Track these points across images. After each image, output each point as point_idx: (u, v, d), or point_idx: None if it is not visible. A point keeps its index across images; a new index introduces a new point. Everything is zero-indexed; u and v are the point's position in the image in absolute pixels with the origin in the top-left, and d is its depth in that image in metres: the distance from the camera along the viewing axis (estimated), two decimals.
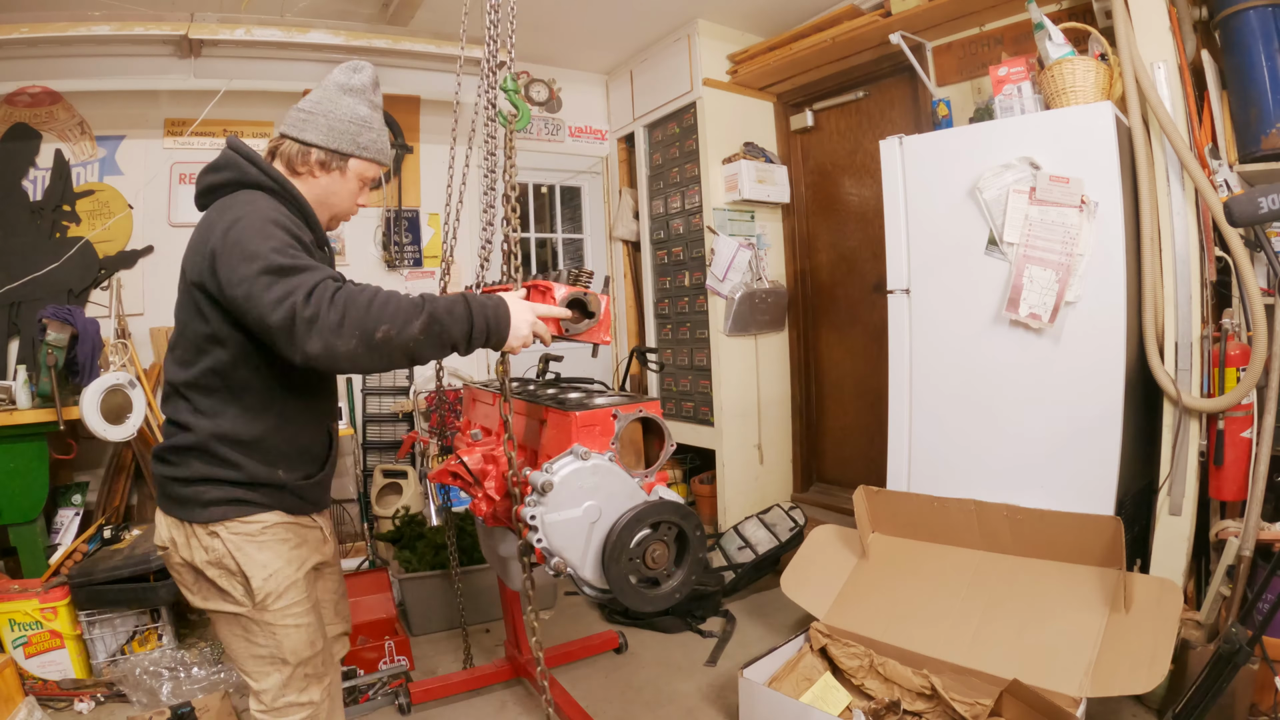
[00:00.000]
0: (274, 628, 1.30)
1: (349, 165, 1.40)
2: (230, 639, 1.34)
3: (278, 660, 1.32)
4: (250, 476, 1.27)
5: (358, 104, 1.40)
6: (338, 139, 1.37)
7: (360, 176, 1.43)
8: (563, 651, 2.43)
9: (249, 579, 1.27)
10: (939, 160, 2.29)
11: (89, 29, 2.50)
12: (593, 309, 1.39)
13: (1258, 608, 1.68)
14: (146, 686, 2.24)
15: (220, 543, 1.27)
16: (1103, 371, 2.00)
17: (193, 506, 1.27)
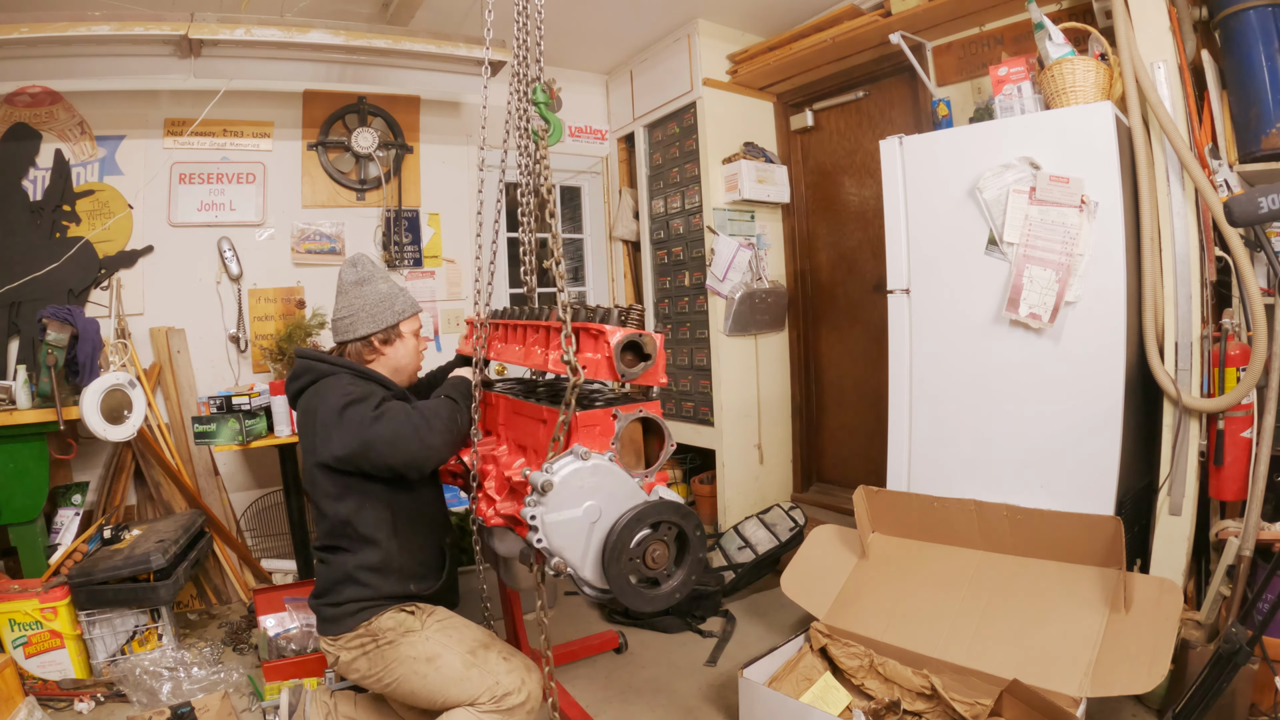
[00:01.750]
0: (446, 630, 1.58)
1: (401, 329, 1.74)
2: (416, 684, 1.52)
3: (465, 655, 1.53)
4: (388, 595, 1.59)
5: (375, 286, 1.73)
6: (381, 319, 1.70)
7: (413, 332, 1.78)
8: (563, 651, 2.43)
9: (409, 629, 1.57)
10: (939, 160, 2.29)
11: (89, 29, 2.50)
12: (649, 351, 1.30)
13: (1258, 608, 1.68)
14: (146, 686, 2.24)
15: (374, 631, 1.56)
16: (1103, 371, 2.00)
17: (344, 620, 1.57)
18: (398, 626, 1.56)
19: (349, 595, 1.56)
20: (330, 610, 1.58)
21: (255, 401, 2.71)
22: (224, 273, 3.24)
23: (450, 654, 1.54)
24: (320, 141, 3.40)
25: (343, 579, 1.57)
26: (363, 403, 1.51)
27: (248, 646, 2.63)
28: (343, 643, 1.57)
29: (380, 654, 1.55)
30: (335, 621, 1.57)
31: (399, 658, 1.53)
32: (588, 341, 1.34)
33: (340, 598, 1.57)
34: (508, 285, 4.04)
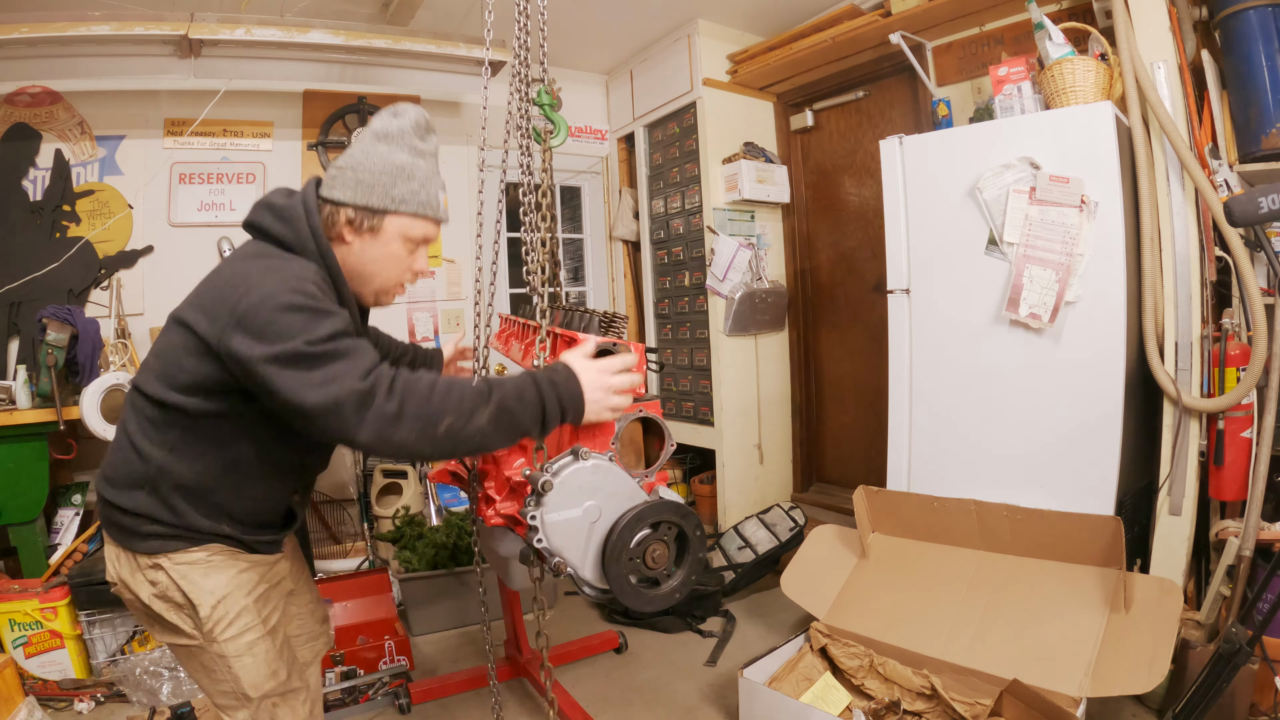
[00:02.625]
0: (228, 660, 1.18)
1: (384, 225, 1.18)
2: (196, 674, 1.23)
3: (240, 695, 1.20)
4: (190, 525, 1.15)
5: (394, 151, 1.18)
6: (366, 193, 1.16)
7: (403, 237, 1.20)
8: (563, 651, 2.43)
9: (196, 608, 1.16)
10: (939, 160, 2.29)
11: (89, 29, 2.50)
12: None
13: (1258, 608, 1.68)
14: (146, 686, 2.24)
15: (164, 574, 1.16)
16: (1103, 371, 2.00)
17: (132, 536, 1.16)
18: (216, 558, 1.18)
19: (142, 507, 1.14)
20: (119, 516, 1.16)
21: None
22: None
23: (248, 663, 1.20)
24: (320, 141, 3.40)
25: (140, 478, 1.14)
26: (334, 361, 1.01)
27: None
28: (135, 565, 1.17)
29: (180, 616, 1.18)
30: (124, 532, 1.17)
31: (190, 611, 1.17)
32: (563, 348, 1.33)
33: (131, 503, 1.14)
34: (508, 285, 4.04)
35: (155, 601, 1.17)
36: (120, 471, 1.16)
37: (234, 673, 1.18)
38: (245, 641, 1.19)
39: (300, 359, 0.99)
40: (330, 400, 0.99)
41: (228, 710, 1.21)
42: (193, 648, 1.19)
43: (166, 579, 1.16)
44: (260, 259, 1.12)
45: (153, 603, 1.17)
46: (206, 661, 1.19)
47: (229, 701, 1.21)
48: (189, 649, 1.20)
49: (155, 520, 1.15)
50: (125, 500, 1.15)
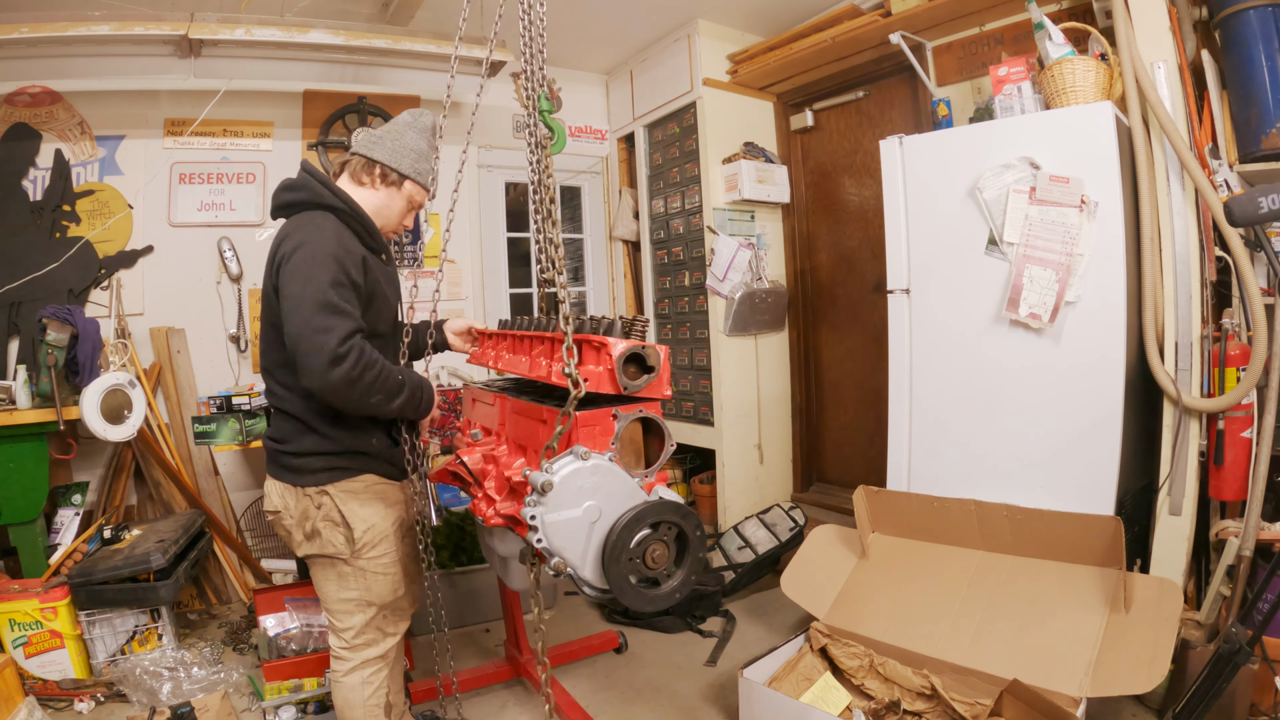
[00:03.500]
0: (366, 574, 1.57)
1: (404, 186, 1.67)
2: (324, 582, 1.59)
3: (364, 603, 1.58)
4: (346, 446, 1.54)
5: (419, 139, 1.70)
6: (399, 160, 1.65)
7: (410, 198, 1.70)
8: (563, 651, 2.43)
9: (351, 529, 1.53)
10: (939, 160, 2.29)
11: (89, 29, 2.50)
12: (652, 363, 1.29)
13: (1258, 608, 1.68)
14: (146, 686, 2.24)
15: (329, 499, 1.53)
16: (1103, 371, 2.00)
17: (304, 474, 1.53)
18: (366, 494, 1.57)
19: (307, 446, 1.53)
20: (291, 460, 1.55)
21: (255, 401, 2.71)
22: (224, 273, 3.24)
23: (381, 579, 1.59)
24: (320, 141, 3.40)
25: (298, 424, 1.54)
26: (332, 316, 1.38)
27: (248, 646, 2.63)
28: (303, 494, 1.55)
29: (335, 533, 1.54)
30: (296, 473, 1.55)
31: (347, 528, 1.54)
32: (589, 353, 1.32)
33: (298, 446, 1.54)
34: (508, 285, 4.03)
35: (320, 522, 1.53)
36: (282, 431, 1.57)
37: (366, 583, 1.58)
38: (383, 562, 1.59)
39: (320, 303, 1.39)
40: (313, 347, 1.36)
41: (344, 614, 1.59)
42: (335, 559, 1.56)
43: (330, 503, 1.53)
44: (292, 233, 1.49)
45: (318, 523, 1.53)
46: (343, 571, 1.57)
47: (349, 607, 1.58)
48: (330, 560, 1.57)
49: (321, 454, 1.53)
50: (293, 446, 1.54)
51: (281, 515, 1.58)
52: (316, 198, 1.55)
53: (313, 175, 1.58)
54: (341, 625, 1.60)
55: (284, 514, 1.57)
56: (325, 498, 1.53)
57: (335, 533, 1.54)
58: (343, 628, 1.60)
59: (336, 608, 1.59)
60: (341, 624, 1.60)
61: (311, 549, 1.57)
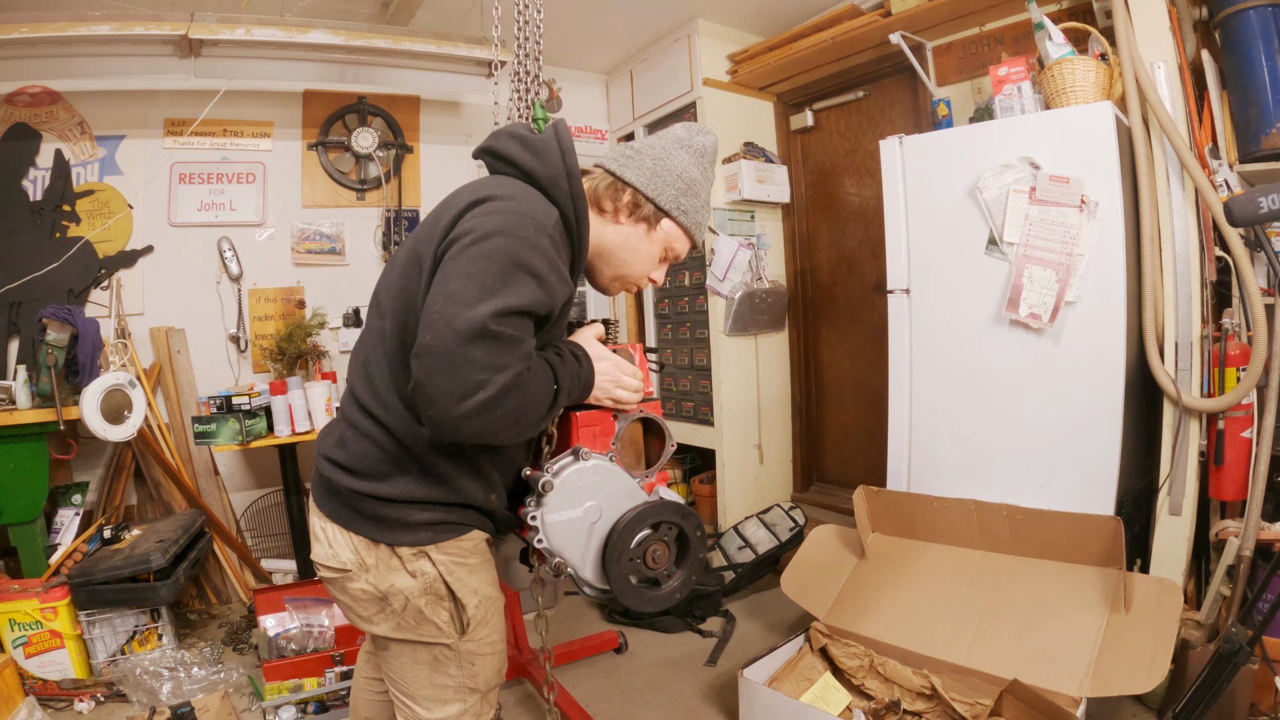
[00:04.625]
0: (474, 656, 1.18)
1: (660, 224, 1.21)
2: (409, 667, 1.17)
3: (466, 690, 1.19)
4: (466, 499, 1.12)
5: (691, 163, 1.22)
6: (659, 189, 1.19)
7: (666, 243, 1.23)
8: (563, 651, 2.43)
9: (463, 606, 1.14)
10: (939, 160, 2.29)
11: (89, 29, 2.50)
12: None
13: (1258, 608, 1.68)
14: (146, 686, 2.24)
15: (431, 566, 1.11)
16: (1103, 371, 2.00)
17: (394, 528, 1.09)
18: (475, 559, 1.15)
19: (409, 492, 1.07)
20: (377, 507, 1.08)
21: (255, 401, 2.71)
22: (224, 273, 3.24)
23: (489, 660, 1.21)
24: (320, 141, 3.40)
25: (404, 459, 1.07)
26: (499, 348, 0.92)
27: (248, 646, 2.63)
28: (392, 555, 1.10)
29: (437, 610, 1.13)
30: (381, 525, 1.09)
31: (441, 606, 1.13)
32: None
33: (396, 491, 1.07)
34: None
35: (420, 597, 1.11)
36: (366, 459, 1.08)
37: (474, 669, 1.19)
38: (492, 640, 1.21)
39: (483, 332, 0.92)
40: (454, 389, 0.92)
41: (436, 702, 1.18)
42: (430, 644, 1.16)
43: (434, 572, 1.11)
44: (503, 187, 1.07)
45: (415, 598, 1.11)
46: (440, 655, 1.16)
47: (445, 695, 1.18)
48: (424, 645, 1.16)
49: (426, 504, 1.09)
50: (384, 489, 1.07)
51: (353, 575, 1.11)
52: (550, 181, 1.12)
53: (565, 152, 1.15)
54: (430, 715, 1.18)
55: (356, 574, 1.11)
56: (425, 561, 1.11)
57: (438, 611, 1.13)
58: (432, 718, 1.19)
59: (425, 694, 1.18)
60: (430, 714, 1.18)
61: (394, 630, 1.14)
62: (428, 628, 1.14)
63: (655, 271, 1.26)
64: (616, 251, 1.21)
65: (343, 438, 1.13)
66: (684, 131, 1.24)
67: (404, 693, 1.20)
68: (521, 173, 1.13)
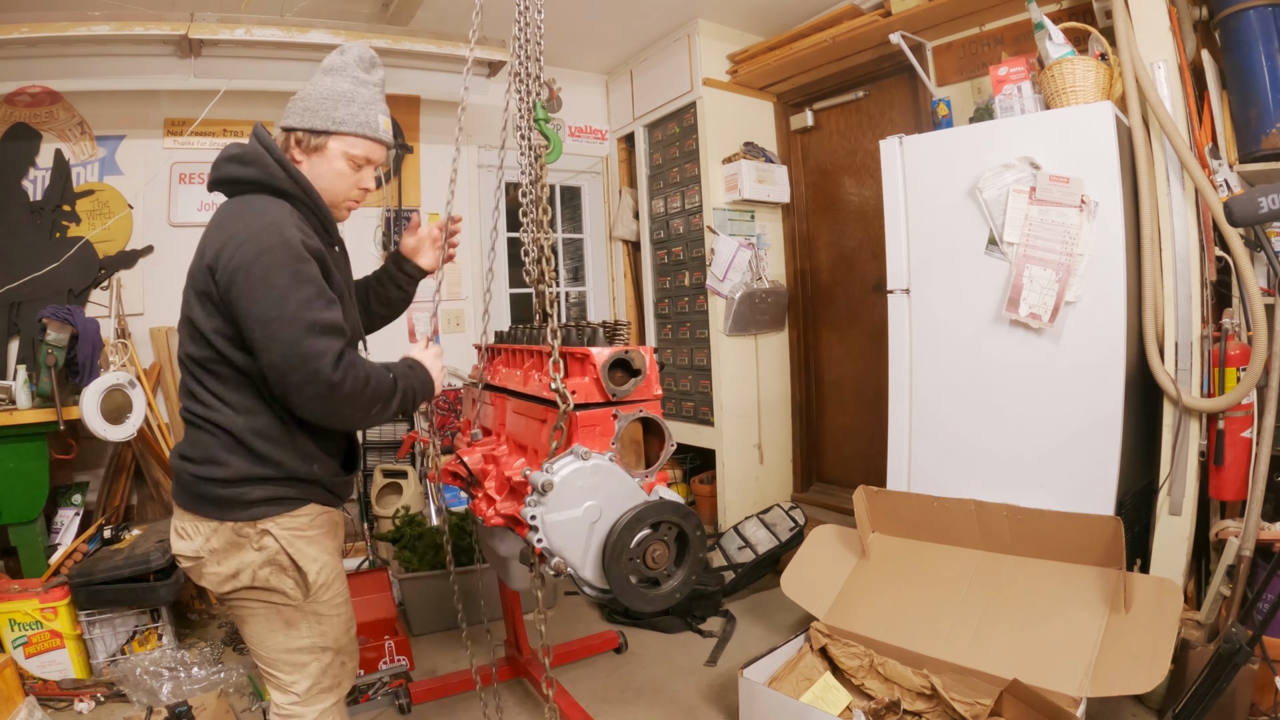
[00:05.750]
0: (321, 617, 1.31)
1: (328, 145, 1.32)
2: (266, 634, 1.30)
3: (318, 649, 1.32)
4: (289, 472, 1.26)
5: (337, 81, 1.33)
6: (311, 117, 1.30)
7: (346, 155, 1.33)
8: (563, 651, 2.43)
9: (304, 572, 1.27)
10: (939, 160, 2.29)
11: (89, 29, 2.50)
12: (637, 366, 1.29)
13: (1258, 608, 1.68)
14: (146, 686, 2.24)
15: (273, 539, 1.25)
16: (1103, 371, 2.00)
17: (234, 506, 1.23)
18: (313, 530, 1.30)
19: (242, 471, 1.22)
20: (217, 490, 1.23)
21: None
22: None
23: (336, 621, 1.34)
24: None
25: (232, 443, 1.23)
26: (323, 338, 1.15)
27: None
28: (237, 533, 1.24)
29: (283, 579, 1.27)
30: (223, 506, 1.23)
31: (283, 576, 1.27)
32: (574, 366, 1.32)
33: (231, 472, 1.22)
34: (508, 285, 4.04)
35: (264, 568, 1.25)
36: (202, 448, 1.25)
37: (322, 628, 1.32)
38: (337, 602, 1.34)
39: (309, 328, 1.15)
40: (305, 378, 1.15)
41: (295, 666, 1.32)
42: (280, 606, 1.29)
43: (276, 545, 1.25)
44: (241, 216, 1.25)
45: (259, 570, 1.25)
46: (290, 617, 1.30)
47: (301, 657, 1.31)
48: (273, 607, 1.29)
49: (258, 480, 1.24)
50: (222, 471, 1.23)
51: (204, 561, 1.26)
52: (269, 178, 1.27)
53: (268, 148, 1.28)
54: (290, 679, 1.31)
55: (207, 560, 1.25)
56: (268, 538, 1.24)
57: (283, 579, 1.27)
58: (293, 681, 1.31)
59: (284, 659, 1.31)
60: (290, 677, 1.31)
61: (247, 596, 1.28)
62: (275, 594, 1.28)
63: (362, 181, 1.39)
64: (316, 185, 1.33)
65: (187, 438, 1.30)
66: (326, 60, 1.36)
67: (266, 663, 1.33)
68: (249, 185, 1.30)
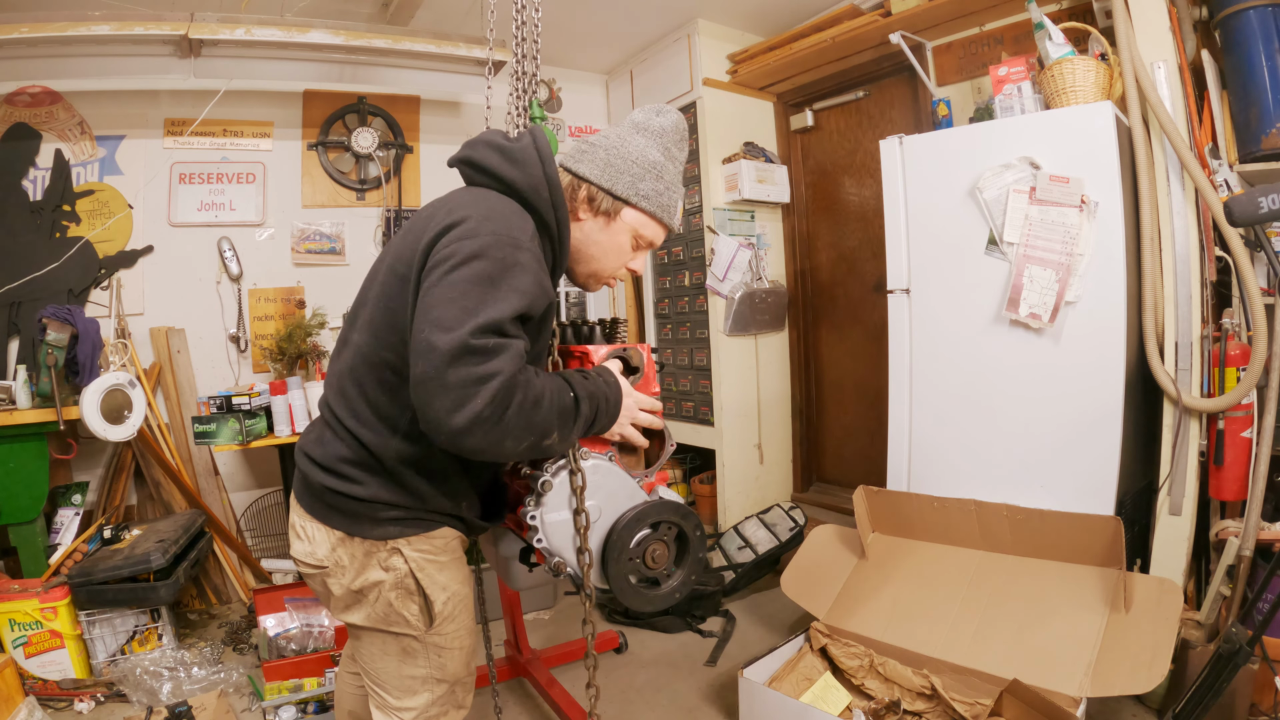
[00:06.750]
0: (442, 650, 1.22)
1: (622, 214, 1.18)
2: (379, 657, 1.21)
3: (433, 680, 1.23)
4: (434, 507, 1.16)
5: (650, 146, 1.18)
6: (614, 178, 1.16)
7: (635, 232, 1.20)
8: (563, 651, 2.43)
9: (430, 601, 1.18)
10: (939, 160, 2.29)
11: (89, 29, 2.50)
12: (636, 364, 1.27)
13: (1258, 608, 1.68)
14: (146, 686, 2.24)
15: (402, 560, 1.15)
16: (1103, 371, 2.00)
17: (365, 522, 1.13)
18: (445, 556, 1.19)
19: (379, 495, 1.11)
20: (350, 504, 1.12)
21: (255, 401, 2.71)
22: (224, 273, 3.24)
23: (456, 654, 1.23)
24: (320, 141, 3.40)
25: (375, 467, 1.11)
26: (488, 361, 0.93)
27: (248, 646, 2.63)
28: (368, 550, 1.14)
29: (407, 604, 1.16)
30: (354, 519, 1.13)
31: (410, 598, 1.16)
32: (572, 365, 1.31)
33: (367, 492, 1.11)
34: None
35: (390, 590, 1.15)
36: (335, 456, 1.13)
37: (441, 661, 1.22)
38: (460, 635, 1.24)
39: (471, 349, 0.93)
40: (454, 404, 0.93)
41: (405, 692, 1.22)
42: (399, 635, 1.19)
43: (405, 568, 1.15)
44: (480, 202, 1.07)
45: (386, 591, 1.15)
46: (409, 646, 1.20)
47: (413, 685, 1.22)
48: (393, 635, 1.19)
49: (395, 505, 1.13)
50: (356, 489, 1.11)
51: (328, 572, 1.16)
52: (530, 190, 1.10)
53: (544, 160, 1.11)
54: (399, 704, 1.22)
55: (333, 570, 1.15)
56: (397, 558, 1.15)
57: (408, 604, 1.17)
58: (401, 707, 1.22)
59: (396, 686, 1.22)
60: (399, 703, 1.22)
61: (366, 620, 1.18)
62: (397, 620, 1.17)
63: (632, 262, 1.25)
64: (583, 248, 1.20)
65: (321, 437, 1.17)
66: (641, 115, 1.22)
67: (375, 681, 1.23)
68: (501, 183, 1.13)
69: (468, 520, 1.23)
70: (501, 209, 1.06)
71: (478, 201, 1.07)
